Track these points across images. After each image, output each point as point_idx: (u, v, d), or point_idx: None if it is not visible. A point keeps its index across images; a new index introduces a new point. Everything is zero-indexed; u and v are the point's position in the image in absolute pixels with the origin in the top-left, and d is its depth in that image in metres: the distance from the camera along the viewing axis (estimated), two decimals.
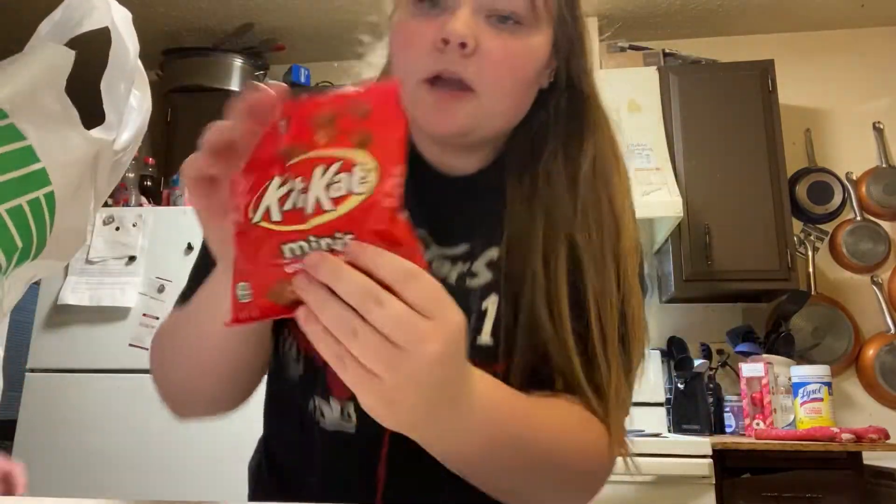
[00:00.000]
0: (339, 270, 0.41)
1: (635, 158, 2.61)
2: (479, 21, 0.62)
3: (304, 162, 0.43)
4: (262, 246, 0.43)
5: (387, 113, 0.43)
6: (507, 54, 0.63)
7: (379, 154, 0.42)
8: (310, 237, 0.42)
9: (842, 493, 2.02)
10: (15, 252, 0.51)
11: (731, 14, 2.98)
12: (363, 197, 0.41)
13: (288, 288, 0.43)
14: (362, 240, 0.41)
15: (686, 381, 2.54)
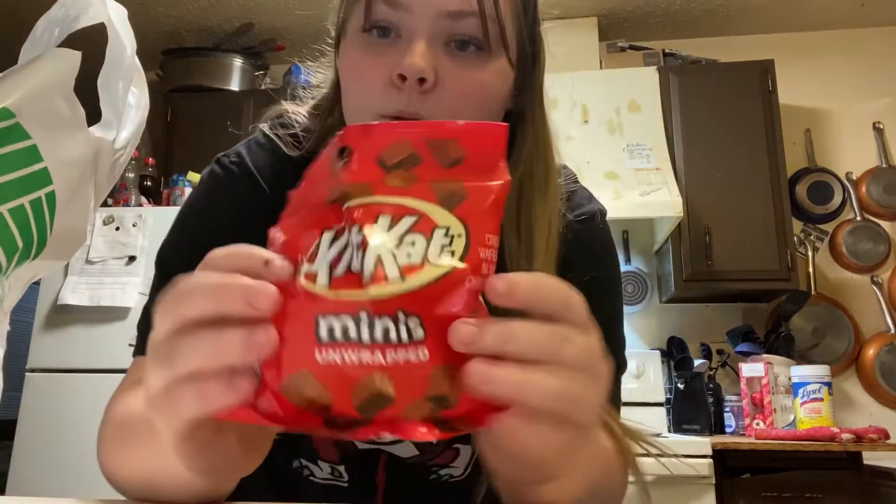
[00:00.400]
0: (509, 331, 0.32)
1: (635, 158, 2.61)
2: (437, 51, 0.56)
3: (365, 208, 0.32)
4: (294, 315, 0.31)
5: (485, 162, 0.33)
6: (470, 87, 0.57)
7: (470, 217, 0.32)
8: (361, 313, 0.31)
9: (842, 493, 2.02)
10: (16, 252, 0.51)
11: (731, 14, 2.98)
12: (442, 272, 0.31)
13: (315, 386, 0.31)
14: (429, 328, 0.30)
15: (686, 381, 2.54)
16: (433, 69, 0.55)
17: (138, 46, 0.74)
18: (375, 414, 0.30)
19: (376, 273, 0.31)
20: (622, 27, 3.07)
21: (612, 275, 0.72)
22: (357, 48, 0.59)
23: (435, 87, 0.56)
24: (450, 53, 0.57)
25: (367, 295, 0.31)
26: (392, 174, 0.32)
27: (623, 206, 2.47)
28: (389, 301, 0.30)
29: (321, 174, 0.34)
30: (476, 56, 0.58)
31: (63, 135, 0.54)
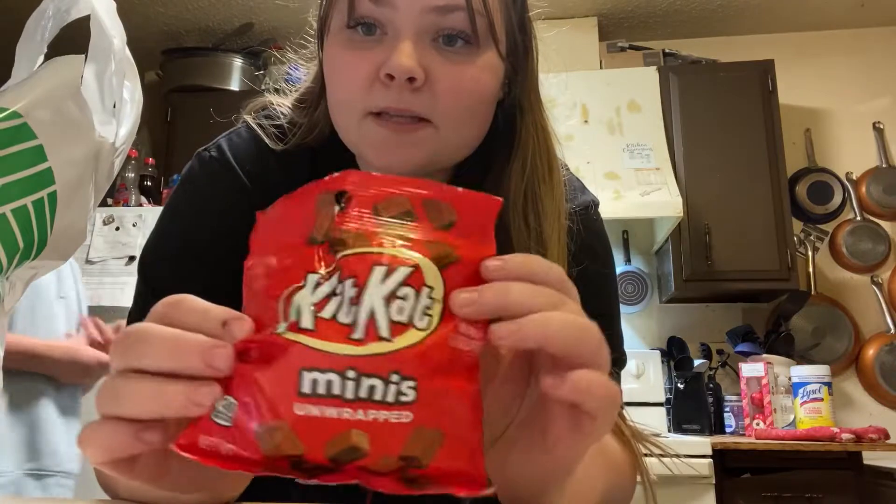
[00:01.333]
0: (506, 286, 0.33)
1: (635, 158, 2.61)
2: (425, 48, 0.55)
3: (361, 258, 0.31)
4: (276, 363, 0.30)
5: (475, 231, 0.33)
6: (461, 81, 0.56)
7: (453, 284, 0.32)
8: (349, 370, 0.30)
9: (842, 493, 2.02)
10: (16, 252, 0.51)
11: (731, 14, 2.98)
12: (424, 335, 0.31)
13: (290, 437, 0.30)
14: (423, 392, 0.30)
15: (686, 381, 2.54)
16: (422, 67, 0.54)
17: (138, 46, 0.74)
18: (346, 464, 0.30)
19: (368, 329, 0.30)
20: (622, 27, 3.07)
21: (610, 268, 0.72)
22: (342, 44, 0.58)
23: (425, 84, 0.55)
24: (438, 49, 0.56)
25: (355, 352, 0.30)
26: (390, 226, 0.32)
27: (623, 206, 2.48)
28: (378, 360, 0.30)
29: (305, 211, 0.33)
30: (465, 50, 0.56)
31: (68, 135, 0.54)
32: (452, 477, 0.31)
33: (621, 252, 2.91)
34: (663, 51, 2.93)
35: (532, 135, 0.64)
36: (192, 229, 0.65)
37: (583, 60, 2.88)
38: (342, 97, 0.58)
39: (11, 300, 0.56)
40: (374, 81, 0.55)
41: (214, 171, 0.66)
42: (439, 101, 0.55)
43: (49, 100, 0.53)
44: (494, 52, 0.58)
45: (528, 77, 0.64)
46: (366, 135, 0.57)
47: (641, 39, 3.06)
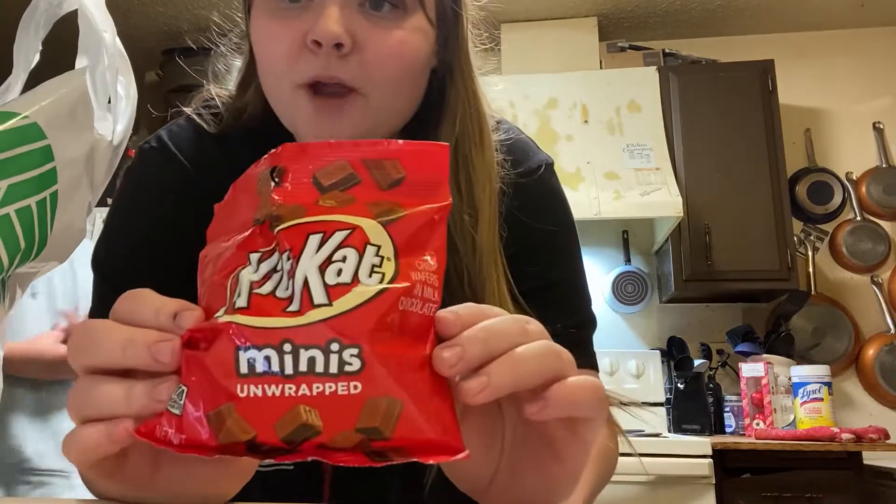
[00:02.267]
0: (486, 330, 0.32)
1: (635, 158, 2.61)
2: (351, 13, 0.54)
3: (295, 229, 0.30)
4: (216, 346, 0.30)
5: (427, 183, 0.32)
6: (390, 46, 0.55)
7: (403, 237, 0.31)
8: (285, 343, 0.29)
9: (842, 493, 2.02)
10: (17, 253, 0.51)
11: (731, 14, 2.98)
12: (372, 293, 0.29)
13: (238, 421, 0.29)
14: (366, 358, 0.29)
15: (686, 381, 2.54)
16: (349, 33, 0.53)
17: (138, 46, 0.74)
18: (302, 443, 0.29)
19: (303, 299, 0.29)
20: (622, 27, 3.07)
21: (563, 226, 0.69)
22: (266, 14, 0.56)
23: (353, 50, 0.54)
24: (365, 13, 0.55)
25: (290, 323, 0.29)
26: (327, 195, 0.31)
27: (623, 206, 2.48)
28: (315, 329, 0.29)
29: (248, 192, 0.33)
30: (392, 14, 0.55)
31: (72, 134, 0.54)
32: (421, 446, 0.29)
33: (621, 252, 2.91)
34: (663, 51, 2.93)
35: (462, 98, 0.63)
36: (139, 221, 0.65)
37: (583, 60, 2.88)
38: (270, 69, 0.58)
39: (11, 300, 0.56)
40: (302, 50, 0.54)
41: (155, 160, 0.66)
42: (368, 67, 0.54)
43: (58, 102, 0.53)
44: (422, 15, 0.57)
45: (458, 41, 0.63)
46: (297, 109, 0.56)
47: (641, 39, 3.06)
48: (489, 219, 0.60)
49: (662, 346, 2.78)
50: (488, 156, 0.63)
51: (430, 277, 0.31)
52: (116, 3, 3.07)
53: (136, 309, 0.33)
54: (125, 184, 0.68)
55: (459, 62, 0.63)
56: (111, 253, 0.65)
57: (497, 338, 0.32)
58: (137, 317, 0.33)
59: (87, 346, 0.33)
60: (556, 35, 2.95)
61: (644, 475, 2.01)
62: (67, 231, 0.55)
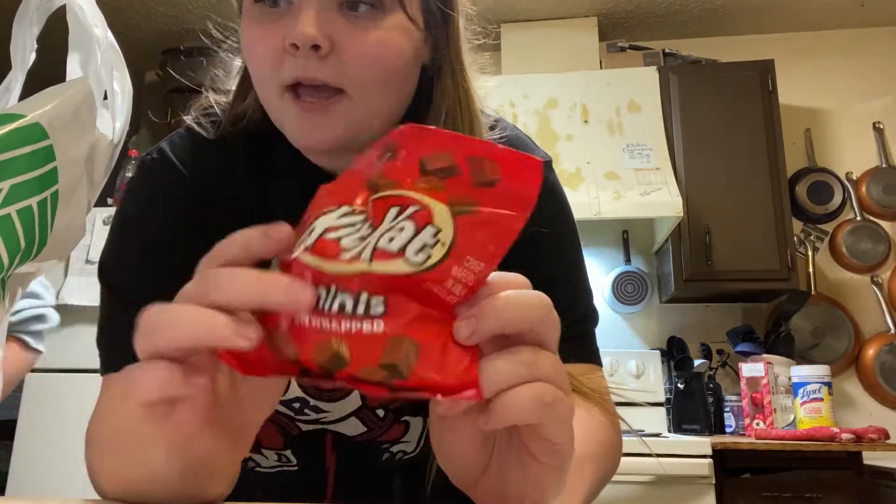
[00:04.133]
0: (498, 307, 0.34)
1: (635, 158, 2.61)
2: (329, 15, 0.55)
3: (384, 201, 0.33)
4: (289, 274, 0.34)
5: (515, 194, 0.33)
6: (368, 46, 0.55)
7: (465, 232, 0.32)
8: (331, 284, 0.33)
9: (842, 493, 2.02)
10: (18, 252, 0.51)
11: (731, 14, 2.98)
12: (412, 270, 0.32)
13: (289, 343, 0.33)
14: (390, 308, 0.32)
15: (686, 381, 2.54)
16: (325, 35, 0.54)
17: (138, 46, 0.74)
18: (335, 372, 0.33)
19: (355, 252, 0.33)
20: (622, 27, 3.07)
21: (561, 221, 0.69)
22: (251, 20, 0.58)
23: (331, 51, 0.54)
24: (343, 14, 0.55)
25: (337, 269, 0.32)
26: (425, 178, 0.33)
27: (623, 206, 2.47)
28: (350, 279, 0.32)
29: (367, 159, 0.36)
30: (370, 14, 0.56)
31: (74, 135, 0.54)
32: (435, 388, 0.32)
33: (621, 252, 2.91)
34: (663, 51, 2.93)
35: (451, 96, 0.63)
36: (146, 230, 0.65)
37: (583, 60, 2.88)
38: (257, 74, 0.59)
39: (11, 300, 0.56)
40: (283, 53, 0.55)
41: (157, 171, 0.67)
42: (348, 66, 0.55)
43: (62, 104, 0.53)
44: (402, 14, 0.57)
45: (448, 39, 0.63)
46: (284, 111, 0.57)
47: (641, 39, 3.06)
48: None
49: (662, 346, 2.78)
50: None
51: (468, 277, 0.32)
52: (117, 3, 3.08)
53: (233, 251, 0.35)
54: (129, 196, 0.68)
55: (450, 59, 0.63)
56: (120, 267, 0.65)
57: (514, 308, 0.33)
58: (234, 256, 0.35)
59: (222, 285, 0.34)
60: (556, 35, 2.95)
61: (644, 475, 2.01)
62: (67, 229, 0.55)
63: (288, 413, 0.64)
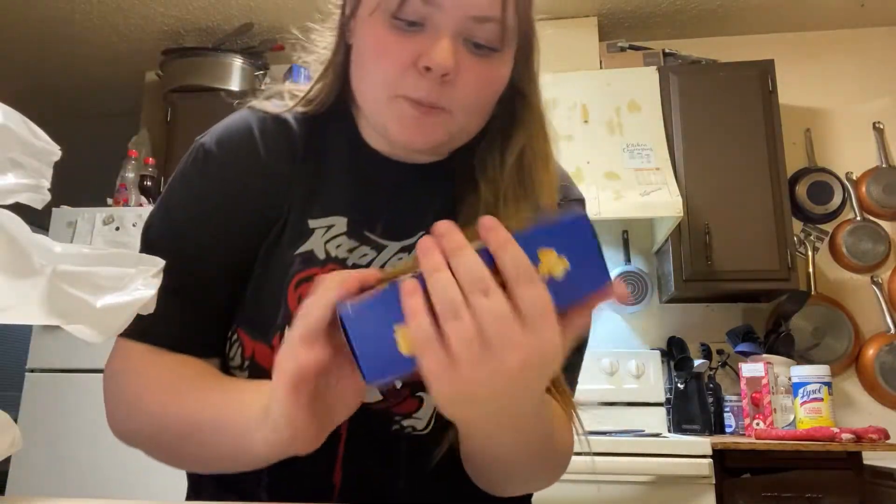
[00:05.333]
0: (462, 249, 0.42)
1: (635, 158, 2.61)
2: (458, 47, 0.61)
3: None
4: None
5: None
6: (484, 80, 0.63)
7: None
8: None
9: (842, 493, 2.02)
10: None
11: (731, 14, 2.98)
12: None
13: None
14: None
15: (686, 381, 2.54)
16: (456, 65, 0.60)
17: (138, 46, 0.74)
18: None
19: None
20: (622, 27, 3.07)
21: None
22: (383, 26, 0.62)
23: (454, 80, 0.61)
24: (468, 50, 0.62)
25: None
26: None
27: (623, 206, 2.47)
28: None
29: None
30: (489, 54, 0.63)
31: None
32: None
33: (621, 252, 2.91)
34: (663, 51, 2.93)
35: (532, 117, 0.71)
36: (204, 195, 0.69)
37: (583, 60, 2.88)
38: (377, 76, 0.64)
39: None
40: (410, 68, 0.61)
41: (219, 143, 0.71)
42: (459, 94, 0.62)
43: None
44: (511, 53, 0.66)
45: (530, 67, 0.71)
46: (396, 113, 0.63)
47: (641, 39, 3.06)
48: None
49: (662, 346, 2.78)
50: (551, 170, 0.71)
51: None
52: (117, 3, 3.08)
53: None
54: (191, 161, 0.72)
55: (529, 86, 0.71)
56: (171, 229, 0.69)
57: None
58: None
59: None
60: (556, 35, 2.94)
61: (644, 475, 2.01)
62: None
63: None
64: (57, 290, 0.40)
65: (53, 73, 3.59)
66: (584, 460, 2.06)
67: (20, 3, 2.97)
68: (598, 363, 2.65)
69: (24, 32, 3.19)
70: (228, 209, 0.68)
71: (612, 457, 2.01)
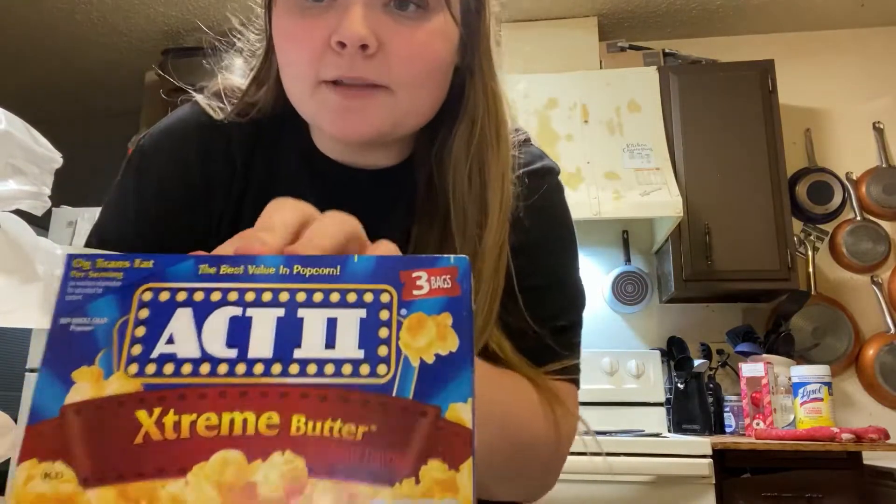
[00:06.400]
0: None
1: (635, 158, 2.61)
2: (375, 14, 0.54)
3: None
4: None
5: None
6: (414, 46, 0.55)
7: None
8: None
9: (842, 493, 2.02)
10: None
11: (731, 14, 2.98)
12: None
13: None
14: None
15: (686, 381, 2.54)
16: (374, 34, 0.53)
17: (138, 46, 0.74)
18: None
19: None
20: (622, 27, 3.07)
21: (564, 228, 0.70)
22: (290, 12, 0.56)
23: (378, 51, 0.54)
24: (389, 13, 0.54)
25: None
26: None
27: (623, 206, 2.47)
28: None
29: None
30: (416, 14, 0.55)
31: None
32: None
33: (621, 252, 2.91)
34: (663, 51, 2.93)
35: (481, 99, 0.63)
36: (139, 203, 0.66)
37: (583, 60, 2.88)
38: (293, 68, 0.57)
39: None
40: (326, 49, 0.54)
41: (156, 147, 0.68)
42: (393, 66, 0.54)
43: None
44: (447, 14, 0.57)
45: (480, 41, 0.63)
46: (321, 103, 0.56)
47: (641, 39, 3.06)
48: (498, 221, 0.60)
49: (662, 346, 2.78)
50: (503, 153, 0.63)
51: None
52: (116, 3, 3.08)
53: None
54: (129, 165, 0.69)
55: (480, 62, 0.63)
56: (114, 231, 0.66)
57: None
58: None
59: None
60: (556, 35, 2.95)
61: (644, 475, 2.01)
62: None
63: None
64: None
65: (54, 73, 3.59)
66: (587, 459, 2.06)
67: (20, 3, 2.97)
68: (598, 363, 2.65)
69: (25, 32, 3.19)
70: (163, 211, 0.65)
71: (612, 457, 2.01)
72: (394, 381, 0.27)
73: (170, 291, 0.29)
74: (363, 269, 0.29)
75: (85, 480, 0.25)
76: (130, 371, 0.27)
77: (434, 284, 0.29)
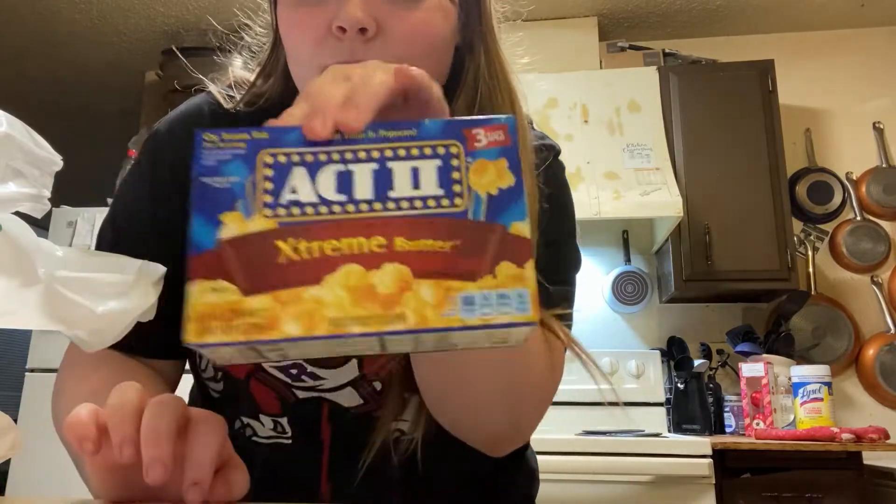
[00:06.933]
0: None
1: (635, 158, 2.61)
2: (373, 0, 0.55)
3: None
4: None
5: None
6: (412, 26, 0.56)
7: None
8: None
9: (842, 493, 2.02)
10: None
11: (731, 14, 2.98)
12: None
13: None
14: None
15: (686, 381, 2.54)
16: (373, 17, 0.54)
17: (138, 46, 0.74)
18: None
19: None
20: (622, 27, 3.07)
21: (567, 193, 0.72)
22: (292, 3, 0.58)
23: (377, 34, 0.55)
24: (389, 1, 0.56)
25: None
26: None
27: (623, 206, 2.47)
28: None
29: None
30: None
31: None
32: None
33: (621, 252, 2.91)
34: (663, 51, 2.93)
35: (489, 74, 0.64)
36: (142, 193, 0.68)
37: (583, 60, 2.88)
38: (298, 57, 0.60)
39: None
40: (327, 36, 0.56)
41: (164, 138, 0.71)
42: (391, 48, 0.55)
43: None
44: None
45: (481, 16, 0.64)
46: None
47: (641, 39, 3.06)
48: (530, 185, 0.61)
49: (662, 346, 2.78)
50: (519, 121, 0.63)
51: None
52: (116, 3, 3.08)
53: None
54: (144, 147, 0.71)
55: (483, 37, 0.64)
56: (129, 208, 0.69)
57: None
58: None
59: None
60: (556, 35, 2.95)
61: (644, 475, 2.01)
62: None
63: (285, 380, 0.65)
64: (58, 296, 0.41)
65: (53, 73, 3.59)
66: (587, 460, 2.05)
67: (21, 3, 2.97)
68: (598, 363, 2.65)
69: (25, 32, 3.19)
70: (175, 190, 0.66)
71: (612, 457, 2.01)
72: (468, 209, 0.36)
73: (285, 155, 0.37)
74: (434, 129, 0.38)
75: (245, 291, 0.33)
76: (266, 213, 0.35)
77: (490, 138, 0.37)
